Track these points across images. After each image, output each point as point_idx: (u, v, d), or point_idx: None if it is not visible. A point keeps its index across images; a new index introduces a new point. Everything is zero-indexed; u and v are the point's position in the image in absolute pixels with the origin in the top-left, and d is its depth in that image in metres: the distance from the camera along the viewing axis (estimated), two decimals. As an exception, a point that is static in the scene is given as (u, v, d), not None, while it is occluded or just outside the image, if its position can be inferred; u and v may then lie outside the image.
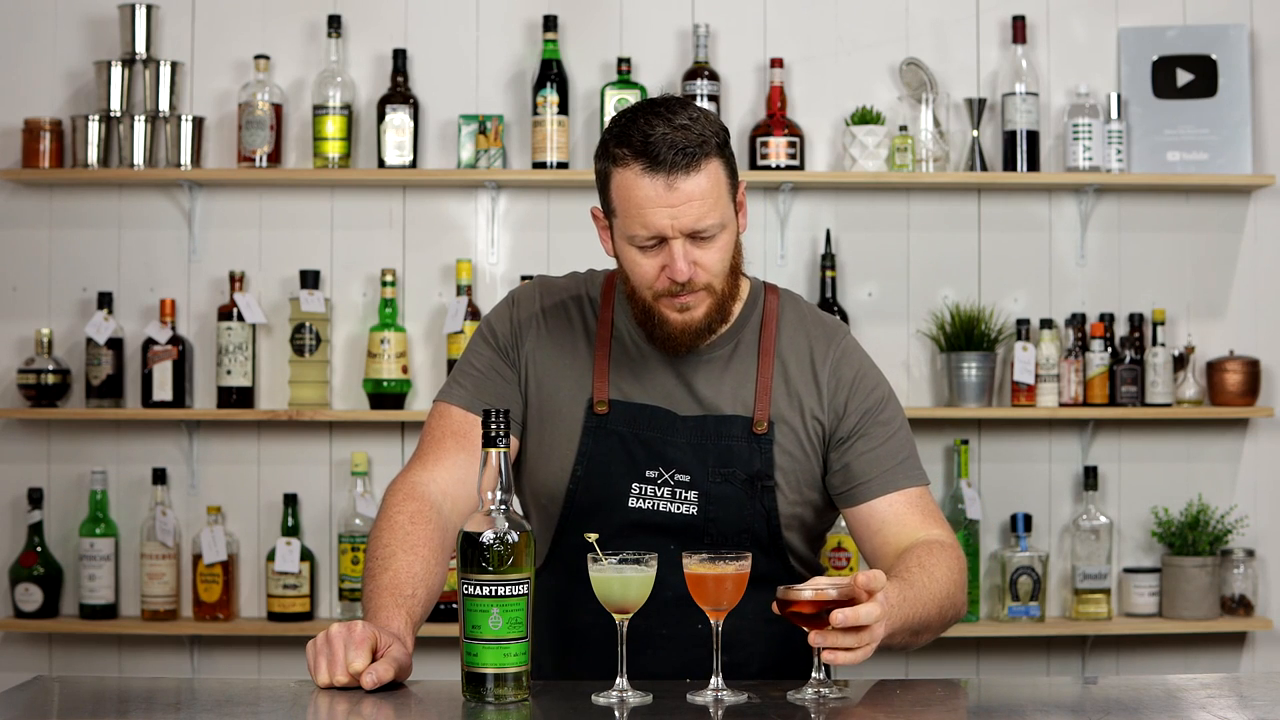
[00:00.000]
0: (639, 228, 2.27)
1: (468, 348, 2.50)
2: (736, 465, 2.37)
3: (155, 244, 4.10)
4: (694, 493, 2.37)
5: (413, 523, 2.30)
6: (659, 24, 4.13)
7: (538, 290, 2.49)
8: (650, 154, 2.25)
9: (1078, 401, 4.04)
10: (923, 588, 2.23)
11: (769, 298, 2.47)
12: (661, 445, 2.38)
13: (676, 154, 2.24)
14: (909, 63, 4.09)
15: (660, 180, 2.25)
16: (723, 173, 2.30)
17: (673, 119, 2.26)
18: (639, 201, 2.26)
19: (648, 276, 2.31)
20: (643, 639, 2.24)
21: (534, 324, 2.45)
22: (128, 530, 4.07)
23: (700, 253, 2.29)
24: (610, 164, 2.30)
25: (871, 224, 4.14)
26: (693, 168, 2.25)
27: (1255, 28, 4.16)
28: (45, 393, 3.99)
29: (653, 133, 2.25)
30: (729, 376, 2.41)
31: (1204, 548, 4.04)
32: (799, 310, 2.48)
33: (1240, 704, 2.11)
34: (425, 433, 2.45)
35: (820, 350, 2.43)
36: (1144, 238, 4.16)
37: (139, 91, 4.04)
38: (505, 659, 2.02)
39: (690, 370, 2.41)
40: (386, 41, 4.10)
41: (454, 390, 2.46)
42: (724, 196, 2.30)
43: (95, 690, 2.33)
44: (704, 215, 2.27)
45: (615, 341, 2.43)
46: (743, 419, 2.39)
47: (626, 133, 2.28)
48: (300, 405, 4.01)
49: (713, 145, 2.28)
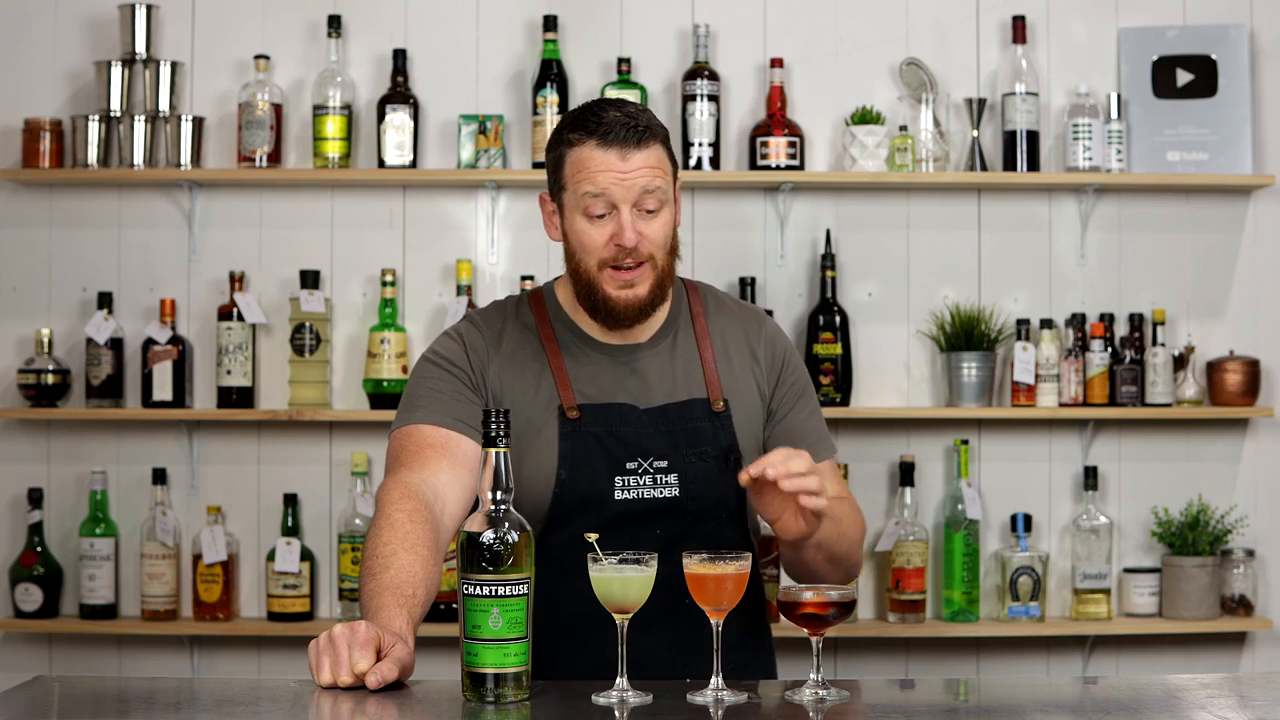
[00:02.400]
0: (589, 186, 2.45)
1: (416, 379, 2.54)
2: (706, 444, 2.51)
3: (155, 244, 4.10)
4: (673, 475, 2.50)
5: (411, 521, 2.31)
6: (659, 24, 4.13)
7: (475, 323, 2.59)
8: (603, 132, 2.46)
9: (1078, 401, 4.04)
10: (836, 517, 2.48)
11: (689, 290, 2.66)
12: (635, 438, 2.50)
13: (628, 131, 2.45)
14: (909, 63, 4.09)
15: (614, 152, 2.45)
16: (666, 158, 2.50)
17: (623, 106, 2.49)
18: (592, 169, 2.45)
19: (595, 244, 2.47)
20: (634, 620, 2.23)
21: (488, 350, 2.55)
22: (128, 530, 4.07)
23: (644, 224, 2.47)
24: (564, 148, 2.49)
25: (871, 224, 4.14)
26: (642, 144, 2.45)
27: (1255, 28, 4.16)
28: (45, 393, 3.99)
29: (605, 116, 2.47)
30: (676, 364, 2.56)
31: (1204, 548, 4.04)
32: (718, 298, 2.68)
33: (1240, 704, 2.11)
34: (397, 450, 2.47)
35: (753, 330, 2.64)
36: (1144, 238, 4.16)
37: (139, 91, 4.04)
38: (505, 659, 2.02)
39: (640, 364, 2.55)
40: (386, 41, 4.11)
41: (415, 413, 2.50)
42: (668, 178, 2.49)
43: (95, 690, 2.33)
44: (650, 183, 2.45)
45: (565, 351, 2.55)
46: (700, 400, 2.54)
47: (580, 119, 2.49)
48: (300, 405, 4.01)
49: (659, 133, 2.49)
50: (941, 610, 4.06)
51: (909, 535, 4.01)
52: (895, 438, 4.12)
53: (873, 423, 4.09)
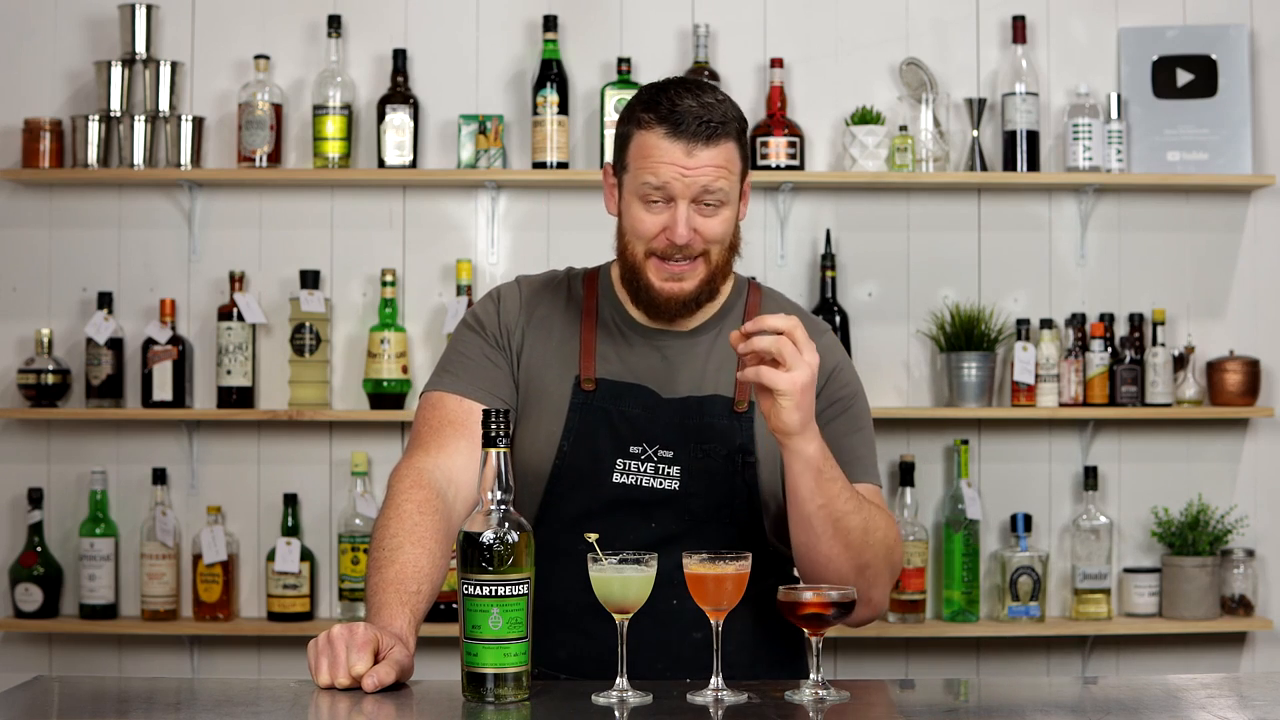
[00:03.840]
0: (650, 177, 2.36)
1: (453, 341, 2.55)
2: (716, 441, 2.43)
3: (155, 244, 4.10)
4: (676, 468, 2.42)
5: (420, 512, 2.31)
6: (659, 24, 4.13)
7: (519, 284, 2.57)
8: (674, 121, 2.35)
9: (1078, 401, 4.04)
10: (852, 490, 2.33)
11: (753, 292, 2.56)
12: (645, 422, 2.43)
13: (699, 125, 2.34)
14: (909, 63, 4.09)
15: (680, 146, 2.34)
16: (736, 156, 2.39)
17: (701, 95, 2.37)
18: (656, 159, 2.36)
19: (648, 231, 2.39)
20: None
21: (521, 313, 2.51)
22: (128, 530, 4.07)
23: (702, 220, 2.38)
24: (634, 127, 2.40)
25: (871, 224, 4.14)
26: (712, 141, 2.35)
27: (1255, 28, 4.16)
28: (45, 393, 3.99)
29: (680, 104, 2.35)
30: (712, 359, 2.48)
31: (1204, 548, 4.04)
32: (780, 304, 2.57)
33: (1240, 704, 2.11)
34: (420, 422, 2.47)
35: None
36: (1144, 238, 4.16)
37: (139, 91, 4.04)
38: (505, 659, 2.02)
39: (672, 352, 2.47)
40: (386, 41, 4.11)
41: (444, 379, 2.49)
42: (735, 176, 2.40)
43: (95, 690, 2.33)
44: (713, 183, 2.36)
45: (601, 326, 2.49)
46: (724, 398, 2.45)
47: (655, 100, 2.38)
48: (300, 405, 4.01)
49: (733, 129, 2.38)
50: (941, 610, 4.06)
51: (909, 535, 4.01)
52: (895, 438, 4.12)
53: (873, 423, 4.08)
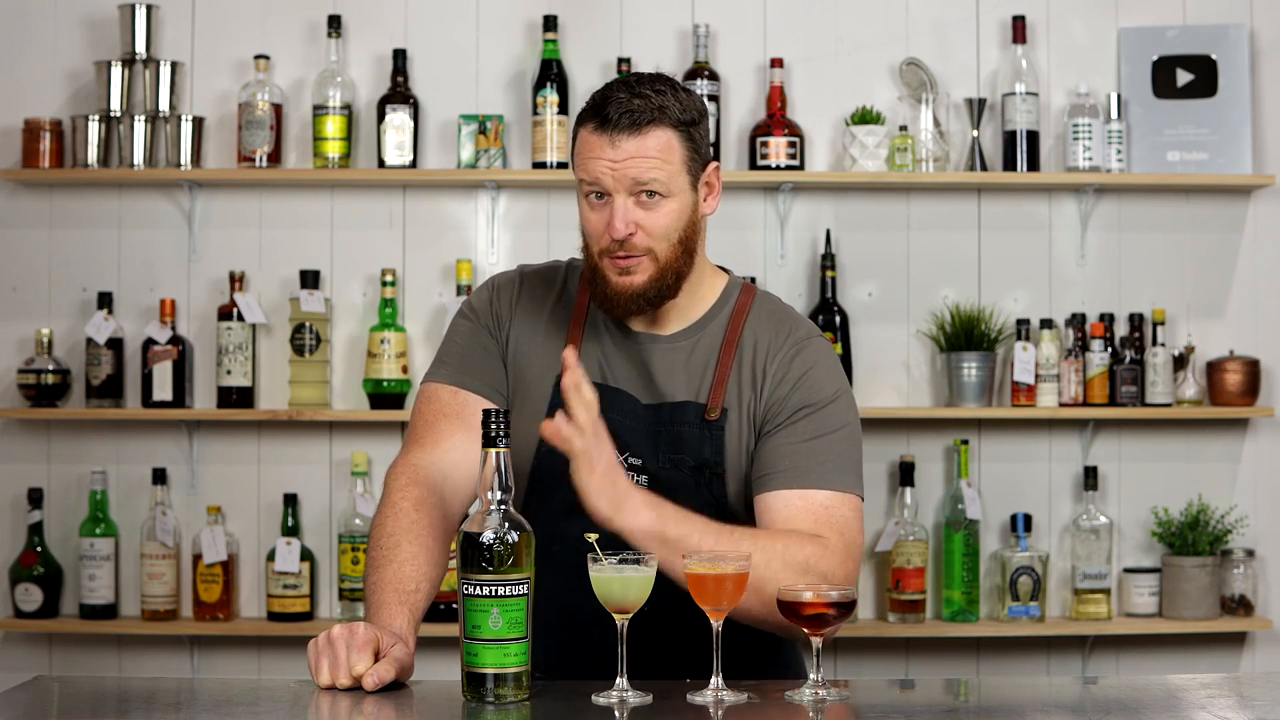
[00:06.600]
0: (584, 174, 2.38)
1: (449, 330, 2.55)
2: (686, 453, 2.40)
3: (155, 244, 4.10)
4: (644, 477, 2.40)
5: (418, 510, 2.31)
6: (659, 24, 4.13)
7: (517, 273, 2.57)
8: (602, 115, 2.36)
9: (1078, 401, 4.04)
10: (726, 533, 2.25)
11: (742, 296, 2.50)
12: (620, 428, 2.39)
13: (623, 115, 2.34)
14: (909, 63, 4.09)
15: (605, 138, 2.35)
16: (676, 144, 2.37)
17: (637, 89, 2.37)
18: (586, 153, 2.37)
19: (595, 230, 2.41)
20: (594, 623, 2.20)
21: (515, 302, 2.52)
22: (128, 530, 4.07)
23: (642, 214, 2.36)
24: (578, 126, 2.42)
25: (871, 224, 4.14)
26: (637, 131, 2.34)
27: (1255, 28, 4.16)
28: (45, 393, 3.99)
29: (611, 98, 2.36)
30: (690, 366, 2.44)
31: (1204, 548, 4.04)
32: (770, 307, 2.50)
33: (1240, 704, 2.11)
34: (416, 416, 2.48)
35: (777, 344, 2.44)
36: (1144, 238, 4.16)
37: (139, 91, 4.04)
38: (505, 659, 2.02)
39: (648, 356, 2.45)
40: (386, 41, 4.11)
41: (439, 370, 2.50)
42: (674, 166, 2.36)
43: (95, 690, 2.33)
44: (643, 174, 2.34)
45: (589, 324, 2.48)
46: (695, 405, 2.42)
47: (594, 98, 2.40)
48: (300, 405, 4.01)
49: (669, 118, 2.36)
50: (941, 610, 4.06)
51: (909, 535, 4.01)
52: (895, 438, 4.12)
53: (873, 423, 4.08)
